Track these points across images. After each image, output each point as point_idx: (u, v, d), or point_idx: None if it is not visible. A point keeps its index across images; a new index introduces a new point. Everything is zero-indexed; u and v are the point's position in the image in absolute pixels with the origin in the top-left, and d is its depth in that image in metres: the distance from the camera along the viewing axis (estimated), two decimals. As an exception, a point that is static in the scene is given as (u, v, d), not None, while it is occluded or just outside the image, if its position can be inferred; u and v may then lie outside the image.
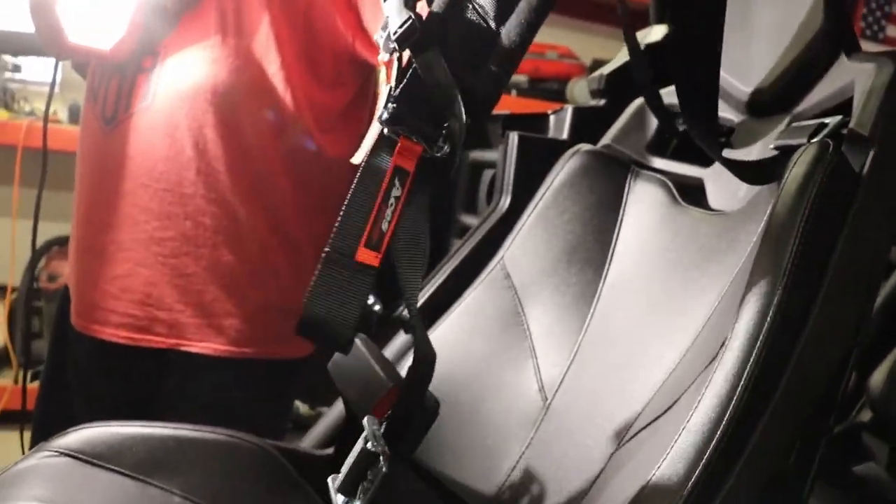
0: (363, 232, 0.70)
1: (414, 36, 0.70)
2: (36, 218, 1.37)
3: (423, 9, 0.74)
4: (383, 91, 0.71)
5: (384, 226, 0.70)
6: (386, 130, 0.72)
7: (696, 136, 0.76)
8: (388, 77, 0.72)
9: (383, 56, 0.74)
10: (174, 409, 1.12)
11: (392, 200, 0.70)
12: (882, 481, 1.33)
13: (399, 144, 0.71)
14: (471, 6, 0.72)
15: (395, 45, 0.71)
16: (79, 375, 1.24)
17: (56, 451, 0.91)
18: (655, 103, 0.98)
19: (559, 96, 2.81)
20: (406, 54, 0.72)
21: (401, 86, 0.72)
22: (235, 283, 1.11)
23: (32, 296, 2.69)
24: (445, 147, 0.72)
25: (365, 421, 0.74)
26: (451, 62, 0.70)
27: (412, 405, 0.74)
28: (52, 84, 1.25)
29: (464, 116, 0.70)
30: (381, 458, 0.71)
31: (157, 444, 0.96)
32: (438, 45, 0.70)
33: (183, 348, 1.11)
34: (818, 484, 0.70)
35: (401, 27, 0.70)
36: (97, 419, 0.98)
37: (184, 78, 1.09)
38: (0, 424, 2.47)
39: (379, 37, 0.74)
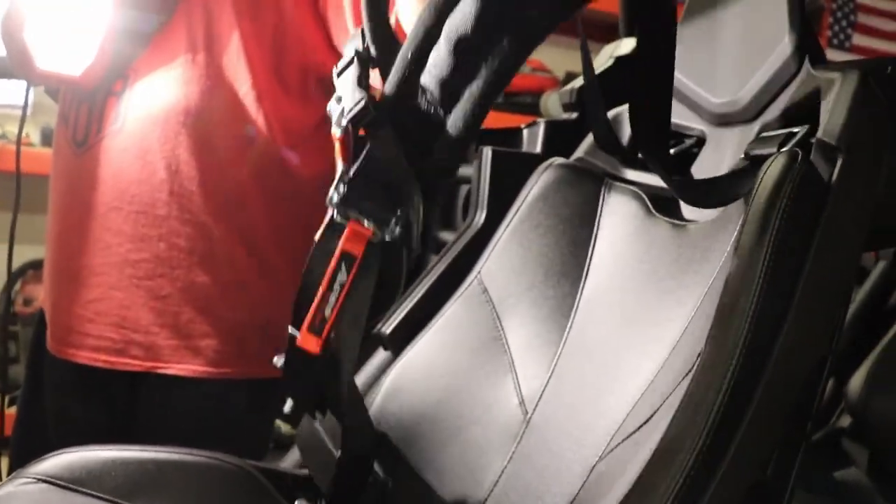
0: (305, 316, 0.70)
1: (368, 116, 0.70)
2: (11, 241, 1.36)
3: (376, 86, 0.74)
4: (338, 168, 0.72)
5: (327, 311, 0.71)
6: (336, 214, 0.72)
7: (648, 157, 0.77)
8: (342, 154, 0.73)
9: (335, 131, 0.75)
10: (153, 431, 1.11)
11: (337, 287, 0.71)
12: (862, 486, 1.35)
13: (348, 229, 0.72)
14: (421, 91, 0.72)
15: (348, 123, 0.71)
16: (55, 399, 1.23)
17: (34, 478, 0.90)
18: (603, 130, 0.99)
19: (533, 110, 2.83)
20: (358, 132, 0.73)
21: (353, 167, 0.72)
22: (211, 304, 1.11)
23: (8, 320, 2.66)
24: (397, 230, 0.72)
25: None
26: (405, 145, 0.70)
27: (354, 483, 0.74)
28: (25, 107, 1.25)
29: (419, 200, 0.71)
30: None
31: (137, 468, 0.95)
32: (392, 127, 0.71)
33: (160, 370, 1.10)
34: (799, 491, 0.70)
35: (355, 105, 0.71)
36: (74, 443, 0.98)
37: (154, 100, 1.09)
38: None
39: (332, 109, 0.75)
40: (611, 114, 1.09)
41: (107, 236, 1.11)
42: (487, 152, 1.15)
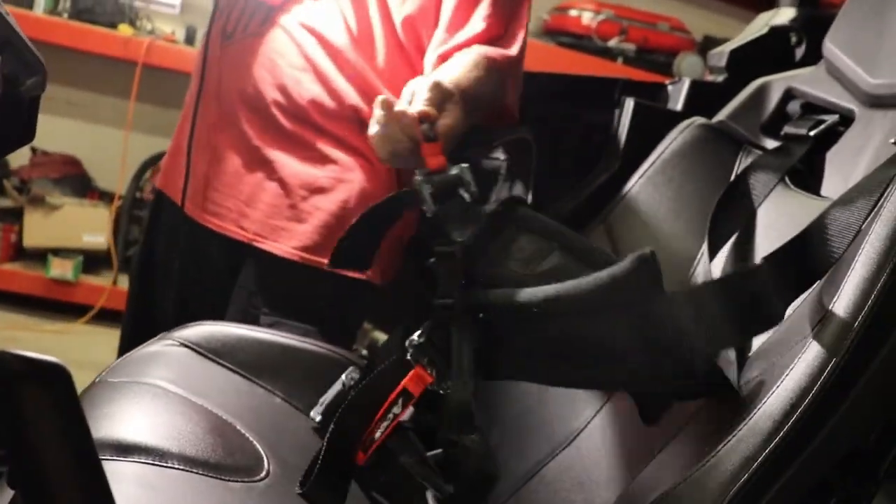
0: (361, 434, 0.80)
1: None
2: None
3: None
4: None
5: (376, 434, 0.80)
6: (410, 355, 0.81)
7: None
8: None
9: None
10: (238, 297, 1.21)
11: (391, 416, 0.80)
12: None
13: (414, 371, 0.80)
14: None
15: None
16: (169, 257, 1.34)
17: (177, 342, 1.00)
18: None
19: (665, 69, 2.79)
20: None
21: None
22: (314, 195, 1.20)
23: (135, 205, 2.84)
24: (448, 388, 0.80)
25: None
26: None
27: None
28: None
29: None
30: None
31: (265, 349, 1.04)
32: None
33: (260, 244, 1.20)
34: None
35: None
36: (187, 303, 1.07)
37: (298, 14, 1.18)
38: (98, 321, 2.65)
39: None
40: (760, 81, 1.09)
41: (231, 120, 1.22)
42: (629, 103, 1.16)
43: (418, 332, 0.82)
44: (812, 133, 0.99)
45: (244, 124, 1.22)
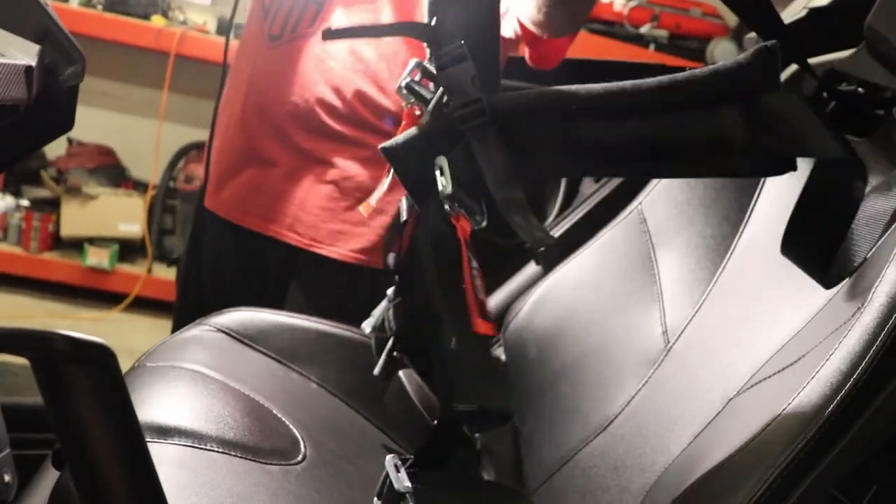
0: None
1: (480, 118, 0.69)
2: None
3: None
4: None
5: (481, 296, 0.74)
6: (446, 205, 0.73)
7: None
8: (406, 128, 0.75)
9: (417, 112, 0.76)
10: (295, 301, 1.21)
11: (475, 272, 0.74)
12: None
13: (461, 221, 0.73)
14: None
15: (454, 114, 0.71)
16: (215, 263, 1.35)
17: (214, 327, 1.01)
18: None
19: (698, 56, 2.76)
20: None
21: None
22: (367, 197, 1.20)
23: (169, 194, 2.88)
24: (483, 222, 0.73)
25: (387, 460, 0.76)
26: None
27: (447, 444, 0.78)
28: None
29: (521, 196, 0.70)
30: (408, 496, 0.73)
31: (300, 334, 1.05)
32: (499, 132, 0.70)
33: (314, 249, 1.20)
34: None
35: (469, 103, 0.70)
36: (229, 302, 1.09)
37: (346, 17, 1.18)
38: (133, 309, 2.70)
39: (418, 91, 0.76)
40: (790, 69, 1.08)
41: (284, 124, 1.21)
42: (663, 89, 1.15)
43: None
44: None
45: (293, 127, 1.21)
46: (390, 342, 0.94)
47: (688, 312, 0.97)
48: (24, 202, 2.78)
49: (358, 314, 1.19)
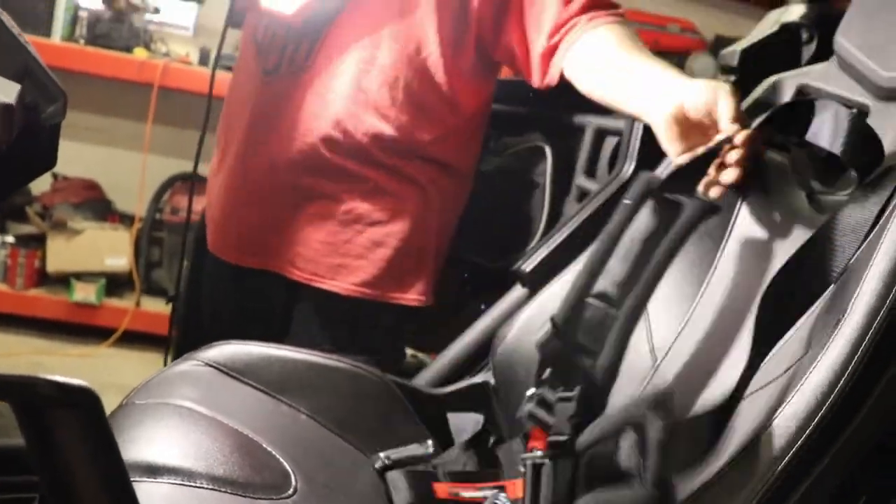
0: None
1: None
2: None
3: None
4: None
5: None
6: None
7: None
8: None
9: None
10: (302, 336, 1.21)
11: None
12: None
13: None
14: None
15: None
16: (214, 300, 1.34)
17: (202, 362, 1.01)
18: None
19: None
20: None
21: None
22: (370, 229, 1.19)
23: (155, 226, 2.87)
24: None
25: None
26: None
27: None
28: (224, 29, 1.32)
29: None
30: None
31: (290, 367, 1.05)
32: None
33: (316, 284, 1.20)
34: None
35: None
36: (228, 337, 1.09)
37: (343, 49, 1.17)
38: (122, 343, 2.68)
39: None
40: (772, 79, 1.09)
41: (281, 159, 1.20)
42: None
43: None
44: None
45: (294, 164, 1.19)
46: None
47: (674, 330, 0.97)
48: (10, 238, 2.76)
49: (360, 347, 1.19)
